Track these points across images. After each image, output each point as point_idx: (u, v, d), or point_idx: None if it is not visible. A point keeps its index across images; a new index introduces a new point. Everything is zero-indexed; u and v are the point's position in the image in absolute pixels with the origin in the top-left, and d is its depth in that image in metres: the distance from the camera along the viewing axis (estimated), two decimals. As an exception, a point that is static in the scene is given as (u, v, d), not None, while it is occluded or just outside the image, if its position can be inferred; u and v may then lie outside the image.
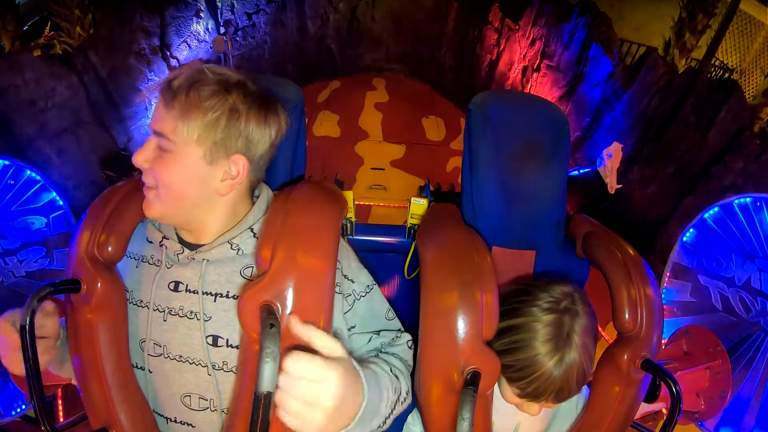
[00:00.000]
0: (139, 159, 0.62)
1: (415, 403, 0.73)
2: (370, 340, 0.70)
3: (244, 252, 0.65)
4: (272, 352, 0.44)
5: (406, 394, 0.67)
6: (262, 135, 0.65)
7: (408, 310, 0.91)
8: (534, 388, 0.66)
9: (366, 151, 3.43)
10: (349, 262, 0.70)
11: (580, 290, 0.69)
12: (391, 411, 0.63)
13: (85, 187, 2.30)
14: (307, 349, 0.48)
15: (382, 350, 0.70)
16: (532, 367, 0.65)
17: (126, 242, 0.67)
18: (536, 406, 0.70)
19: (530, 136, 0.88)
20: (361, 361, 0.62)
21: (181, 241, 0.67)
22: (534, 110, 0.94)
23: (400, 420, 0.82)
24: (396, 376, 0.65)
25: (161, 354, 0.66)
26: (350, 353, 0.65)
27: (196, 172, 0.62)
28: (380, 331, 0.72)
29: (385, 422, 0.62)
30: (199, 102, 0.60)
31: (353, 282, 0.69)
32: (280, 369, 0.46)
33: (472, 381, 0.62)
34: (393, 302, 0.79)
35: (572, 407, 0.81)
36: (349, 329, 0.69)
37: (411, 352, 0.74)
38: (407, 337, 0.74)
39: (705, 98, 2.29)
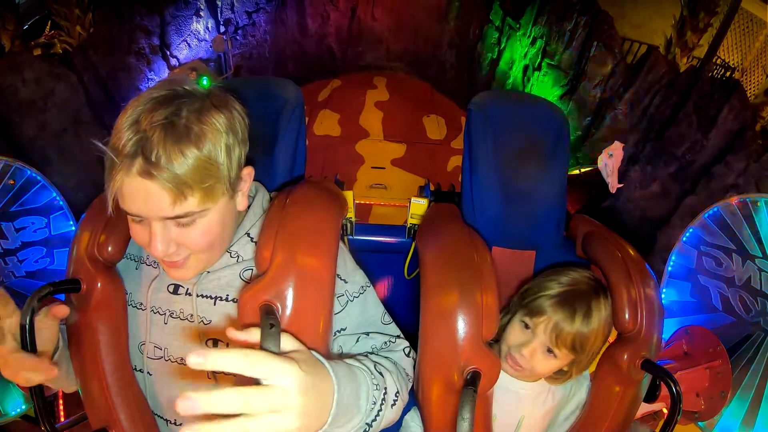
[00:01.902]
0: (163, 248, 0.53)
1: (415, 402, 0.73)
2: (358, 341, 0.67)
3: (243, 258, 0.64)
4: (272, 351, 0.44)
5: (396, 395, 0.60)
6: (245, 122, 0.58)
7: (408, 310, 0.91)
8: (538, 305, 0.72)
9: (366, 150, 3.42)
10: (344, 262, 0.67)
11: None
12: (378, 412, 0.56)
13: (85, 187, 2.30)
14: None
15: (375, 353, 0.66)
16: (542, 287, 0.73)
17: (126, 242, 0.67)
18: (549, 360, 0.72)
19: (530, 136, 0.88)
20: (342, 357, 0.58)
21: None
22: (534, 110, 0.94)
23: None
24: (380, 373, 0.59)
25: (162, 357, 0.65)
26: (339, 355, 0.64)
27: (228, 212, 0.58)
28: (370, 333, 0.68)
29: (371, 425, 0.55)
30: (201, 152, 0.51)
31: (346, 282, 0.66)
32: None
33: (472, 381, 0.63)
34: (393, 302, 0.78)
35: (574, 405, 0.81)
36: (339, 331, 0.66)
37: (409, 361, 0.69)
38: (404, 344, 0.70)
39: (707, 97, 2.28)
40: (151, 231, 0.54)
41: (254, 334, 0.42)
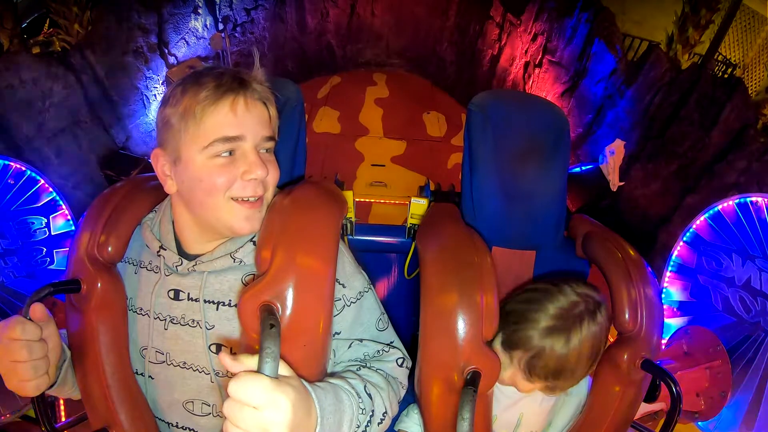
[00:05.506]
0: (263, 170, 0.61)
1: (413, 399, 0.73)
2: (350, 346, 0.66)
3: (246, 263, 0.64)
4: (272, 352, 0.44)
5: (383, 415, 0.60)
6: None
7: (408, 310, 0.91)
8: (517, 338, 0.69)
9: (366, 148, 3.42)
10: (343, 265, 0.67)
11: (604, 301, 0.69)
12: None
13: (85, 187, 2.30)
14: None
15: (366, 364, 0.65)
16: (528, 322, 0.69)
17: (126, 243, 0.67)
18: (529, 384, 0.71)
19: (530, 136, 0.87)
20: (334, 375, 0.60)
21: (180, 252, 0.66)
22: (534, 110, 0.94)
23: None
24: (369, 395, 0.59)
25: (164, 361, 0.65)
26: (332, 367, 0.64)
27: None
28: (364, 339, 0.67)
29: None
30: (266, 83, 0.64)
31: (344, 287, 0.66)
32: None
33: (472, 381, 0.63)
34: (393, 302, 0.78)
35: (575, 402, 0.81)
36: (334, 334, 0.65)
37: (403, 371, 0.69)
38: (397, 354, 0.69)
39: (709, 95, 2.27)
40: (250, 154, 0.61)
41: (244, 364, 0.43)
